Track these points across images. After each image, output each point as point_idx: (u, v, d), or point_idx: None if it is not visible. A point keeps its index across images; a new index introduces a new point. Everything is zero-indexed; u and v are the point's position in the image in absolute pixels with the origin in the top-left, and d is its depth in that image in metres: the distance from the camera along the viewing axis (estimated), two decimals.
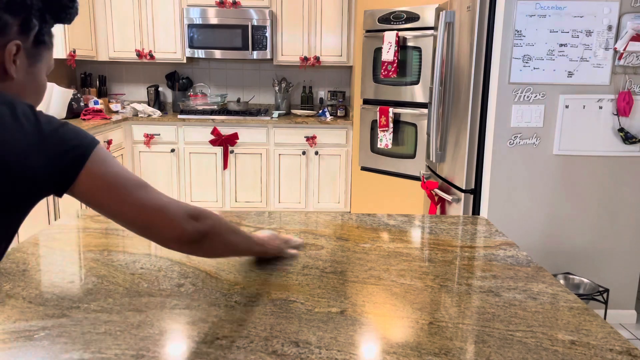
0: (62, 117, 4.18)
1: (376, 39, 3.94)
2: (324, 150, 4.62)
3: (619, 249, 2.79)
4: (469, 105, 2.74)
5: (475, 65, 2.70)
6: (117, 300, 1.01)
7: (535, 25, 2.58)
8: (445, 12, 3.00)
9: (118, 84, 5.20)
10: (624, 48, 2.55)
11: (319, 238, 1.43)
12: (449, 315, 0.98)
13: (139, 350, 0.83)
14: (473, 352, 0.85)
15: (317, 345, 0.86)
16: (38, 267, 1.19)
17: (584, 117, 2.65)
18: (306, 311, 0.98)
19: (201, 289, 1.07)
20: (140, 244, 1.35)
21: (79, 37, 4.42)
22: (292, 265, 1.21)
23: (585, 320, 0.97)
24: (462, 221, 1.63)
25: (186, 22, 4.63)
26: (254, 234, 1.23)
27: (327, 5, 4.68)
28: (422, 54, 3.68)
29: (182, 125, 4.57)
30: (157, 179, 4.67)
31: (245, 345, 0.86)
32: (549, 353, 0.85)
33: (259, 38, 4.61)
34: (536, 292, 1.09)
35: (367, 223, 1.56)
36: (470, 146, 2.78)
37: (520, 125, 2.66)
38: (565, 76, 2.62)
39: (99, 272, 1.16)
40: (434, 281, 1.14)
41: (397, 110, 3.87)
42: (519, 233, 2.75)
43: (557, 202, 2.74)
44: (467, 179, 2.82)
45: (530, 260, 1.28)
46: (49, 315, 0.94)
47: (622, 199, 2.73)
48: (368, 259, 1.26)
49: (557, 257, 2.80)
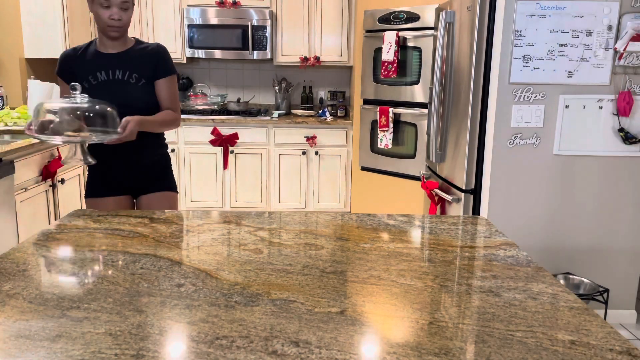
0: None
1: (376, 39, 3.94)
2: (324, 150, 4.62)
3: (619, 249, 2.79)
4: (469, 105, 2.74)
5: (475, 65, 2.70)
6: (117, 300, 1.01)
7: (535, 25, 2.58)
8: (445, 12, 3.00)
9: None
10: (624, 48, 2.55)
11: (319, 238, 1.43)
12: (449, 315, 0.98)
13: (139, 350, 0.83)
14: (473, 352, 0.85)
15: (317, 345, 0.86)
16: (38, 267, 1.19)
17: (584, 117, 2.65)
18: (306, 311, 0.98)
19: (201, 289, 1.07)
20: (140, 244, 1.35)
21: (79, 37, 4.42)
22: (292, 265, 1.21)
23: (585, 320, 0.97)
24: (462, 221, 1.63)
25: (186, 22, 4.63)
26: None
27: (327, 5, 4.68)
28: (422, 54, 3.68)
29: (182, 125, 4.57)
30: None
31: (245, 345, 0.86)
32: (549, 353, 0.85)
33: (259, 38, 4.61)
34: (536, 292, 1.09)
35: (367, 223, 1.56)
36: (470, 146, 2.78)
37: (520, 125, 2.66)
38: (565, 76, 2.62)
39: (99, 272, 1.16)
40: (434, 281, 1.14)
41: (397, 110, 3.87)
42: (519, 233, 2.75)
43: (557, 202, 2.74)
44: (467, 179, 2.82)
45: (530, 260, 1.28)
46: (49, 315, 0.94)
47: (622, 199, 2.73)
48: (368, 259, 1.26)
49: (557, 257, 2.80)
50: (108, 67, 2.03)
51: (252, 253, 1.29)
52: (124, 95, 2.00)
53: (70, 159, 1.79)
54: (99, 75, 2.03)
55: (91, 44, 2.10)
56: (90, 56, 2.06)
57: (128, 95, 2.02)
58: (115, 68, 2.03)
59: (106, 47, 2.04)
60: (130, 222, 1.53)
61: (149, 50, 2.09)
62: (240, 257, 1.26)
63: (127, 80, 2.03)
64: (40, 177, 3.11)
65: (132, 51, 2.06)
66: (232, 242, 1.38)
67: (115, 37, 2.01)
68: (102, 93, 1.94)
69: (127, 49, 2.06)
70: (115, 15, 1.93)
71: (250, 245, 1.34)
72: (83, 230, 1.45)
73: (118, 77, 2.02)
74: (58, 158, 3.27)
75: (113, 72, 2.02)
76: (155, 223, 1.56)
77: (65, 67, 2.08)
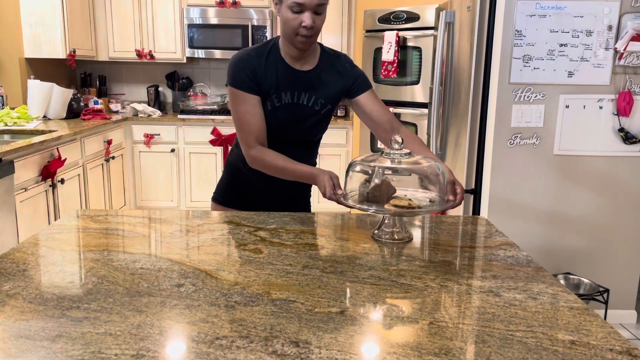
0: (62, 117, 4.18)
1: (376, 39, 3.94)
2: (324, 150, 4.60)
3: (619, 249, 2.79)
4: (469, 105, 2.74)
5: (475, 65, 2.70)
6: (117, 300, 1.01)
7: (536, 25, 2.58)
8: (446, 12, 3.00)
9: (118, 84, 5.20)
10: (624, 48, 2.55)
11: (319, 238, 1.43)
12: (449, 315, 0.98)
13: (139, 350, 0.83)
14: (473, 352, 0.85)
15: (317, 345, 0.86)
16: (38, 267, 1.19)
17: (584, 117, 2.65)
18: (306, 311, 0.98)
19: (201, 289, 1.07)
20: (140, 244, 1.35)
21: (79, 37, 4.42)
22: (292, 265, 1.21)
23: (585, 320, 0.96)
24: (462, 221, 1.63)
25: (186, 22, 4.63)
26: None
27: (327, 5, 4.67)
28: (422, 54, 3.68)
29: (182, 125, 4.57)
30: (157, 179, 4.67)
31: (245, 345, 0.86)
32: (549, 353, 0.85)
33: (259, 38, 4.61)
34: (536, 292, 1.09)
35: (367, 223, 1.56)
36: (470, 146, 2.77)
37: (520, 125, 2.66)
38: (565, 76, 2.62)
39: (99, 272, 1.16)
40: (434, 281, 1.14)
41: (397, 110, 3.86)
42: (519, 233, 2.75)
43: (557, 202, 2.73)
44: (467, 179, 2.81)
45: (531, 260, 1.28)
46: (49, 315, 0.94)
47: (622, 199, 2.73)
48: (368, 259, 1.26)
49: (557, 257, 2.80)
50: (294, 88, 1.65)
51: (252, 253, 1.29)
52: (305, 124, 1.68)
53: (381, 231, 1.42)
54: (283, 97, 1.65)
55: (273, 48, 1.66)
56: (277, 67, 1.64)
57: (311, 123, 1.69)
58: (302, 90, 1.65)
59: (292, 58, 1.65)
60: (130, 222, 1.53)
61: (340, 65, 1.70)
62: (240, 257, 1.26)
63: (312, 107, 1.67)
64: (40, 177, 3.11)
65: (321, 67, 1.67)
66: (232, 242, 1.38)
67: (304, 49, 1.61)
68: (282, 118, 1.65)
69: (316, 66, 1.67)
70: (307, 21, 1.52)
71: (250, 245, 1.34)
72: (83, 230, 1.45)
73: (303, 102, 1.67)
74: (58, 158, 3.27)
75: (299, 94, 1.66)
76: (155, 223, 1.56)
77: (251, 76, 1.62)
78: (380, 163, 1.36)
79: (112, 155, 4.27)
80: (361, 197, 1.38)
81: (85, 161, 3.79)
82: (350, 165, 1.42)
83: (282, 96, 1.64)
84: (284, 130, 1.68)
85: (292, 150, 1.70)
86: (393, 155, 1.36)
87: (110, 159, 4.22)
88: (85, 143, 3.77)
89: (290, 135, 1.70)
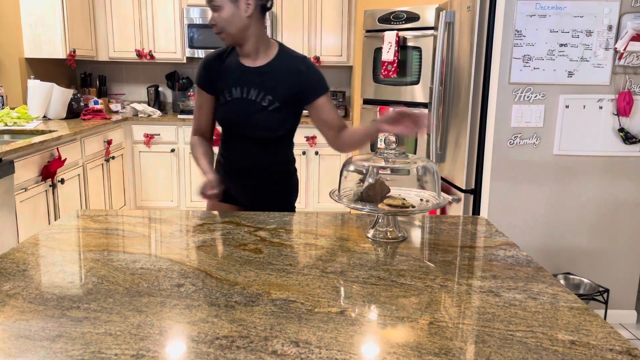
0: (62, 117, 4.18)
1: (376, 39, 3.94)
2: (324, 150, 4.62)
3: (619, 249, 2.79)
4: (469, 105, 2.74)
5: (475, 65, 2.70)
6: (117, 300, 1.01)
7: (535, 25, 2.58)
8: (445, 12, 3.00)
9: (118, 84, 5.20)
10: (624, 48, 2.55)
11: (319, 238, 1.43)
12: (449, 315, 0.98)
13: (139, 350, 0.83)
14: (473, 352, 0.85)
15: (317, 345, 0.86)
16: (38, 267, 1.19)
17: (584, 117, 2.65)
18: (306, 311, 0.98)
19: (201, 289, 1.07)
20: (140, 244, 1.35)
21: (79, 37, 4.42)
22: (292, 265, 1.21)
23: (585, 320, 0.97)
24: (462, 221, 1.63)
25: (186, 22, 4.63)
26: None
27: (327, 6, 4.68)
28: (422, 54, 3.68)
29: (182, 125, 4.57)
30: (157, 178, 4.67)
31: (245, 345, 0.86)
32: (549, 353, 0.85)
33: None
34: (536, 292, 1.09)
35: (367, 223, 1.56)
36: (470, 146, 2.77)
37: (520, 125, 2.66)
38: (565, 76, 2.62)
39: (99, 272, 1.16)
40: (434, 281, 1.14)
41: None
42: (519, 233, 2.75)
43: (557, 202, 2.73)
44: (467, 179, 2.82)
45: (531, 260, 1.28)
46: (49, 315, 0.94)
47: (622, 199, 2.73)
48: (368, 259, 1.26)
49: (557, 257, 2.80)
50: (244, 84, 1.72)
51: (252, 253, 1.29)
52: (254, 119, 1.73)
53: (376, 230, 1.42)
54: (234, 91, 1.73)
55: (233, 47, 1.77)
56: (231, 64, 1.75)
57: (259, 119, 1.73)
58: (251, 86, 1.71)
59: (242, 55, 1.74)
60: (130, 222, 1.53)
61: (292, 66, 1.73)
62: (240, 257, 1.26)
63: (259, 102, 1.72)
64: (40, 177, 3.11)
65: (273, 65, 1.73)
66: (232, 242, 1.38)
67: (227, 44, 1.74)
68: (232, 112, 1.73)
69: (268, 62, 1.73)
70: (209, 19, 1.67)
71: (250, 245, 1.34)
72: (83, 230, 1.45)
73: (251, 98, 1.72)
74: (58, 158, 3.27)
75: (248, 90, 1.72)
76: (155, 223, 1.56)
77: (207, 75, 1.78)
78: (374, 162, 1.36)
79: (112, 155, 4.27)
80: (355, 197, 1.38)
81: (85, 161, 3.79)
82: (345, 165, 1.42)
83: (233, 91, 1.73)
84: (235, 125, 1.76)
85: (251, 146, 1.78)
86: (387, 155, 1.37)
87: (110, 159, 4.22)
88: (85, 143, 3.78)
89: (243, 130, 1.76)
